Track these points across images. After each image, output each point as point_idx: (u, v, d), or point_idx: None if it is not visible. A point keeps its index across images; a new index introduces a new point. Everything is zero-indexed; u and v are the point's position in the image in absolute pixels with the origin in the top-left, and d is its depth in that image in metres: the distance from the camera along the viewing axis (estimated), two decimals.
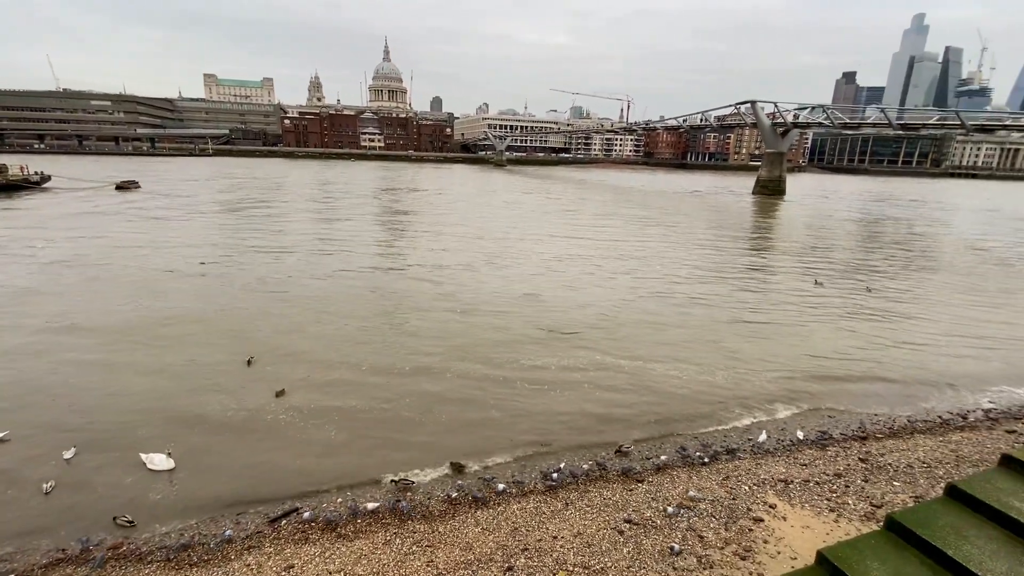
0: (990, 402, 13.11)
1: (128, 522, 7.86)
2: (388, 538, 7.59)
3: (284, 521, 7.99)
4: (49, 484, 8.65)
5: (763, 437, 11.01)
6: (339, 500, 8.58)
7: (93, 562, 7.06)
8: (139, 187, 61.99)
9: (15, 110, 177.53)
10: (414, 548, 7.37)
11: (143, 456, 9.39)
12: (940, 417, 12.18)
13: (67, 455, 9.45)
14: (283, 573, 6.87)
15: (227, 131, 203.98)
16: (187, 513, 8.22)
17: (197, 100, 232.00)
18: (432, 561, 7.11)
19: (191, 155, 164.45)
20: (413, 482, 8.99)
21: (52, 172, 64.39)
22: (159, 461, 9.26)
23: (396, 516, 8.14)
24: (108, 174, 75.56)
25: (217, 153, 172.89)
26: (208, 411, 11.23)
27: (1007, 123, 78.99)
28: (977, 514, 4.84)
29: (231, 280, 21.79)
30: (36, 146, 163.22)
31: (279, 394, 11.91)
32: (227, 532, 7.69)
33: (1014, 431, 11.39)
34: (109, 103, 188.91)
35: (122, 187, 60.22)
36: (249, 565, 7.03)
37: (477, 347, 15.23)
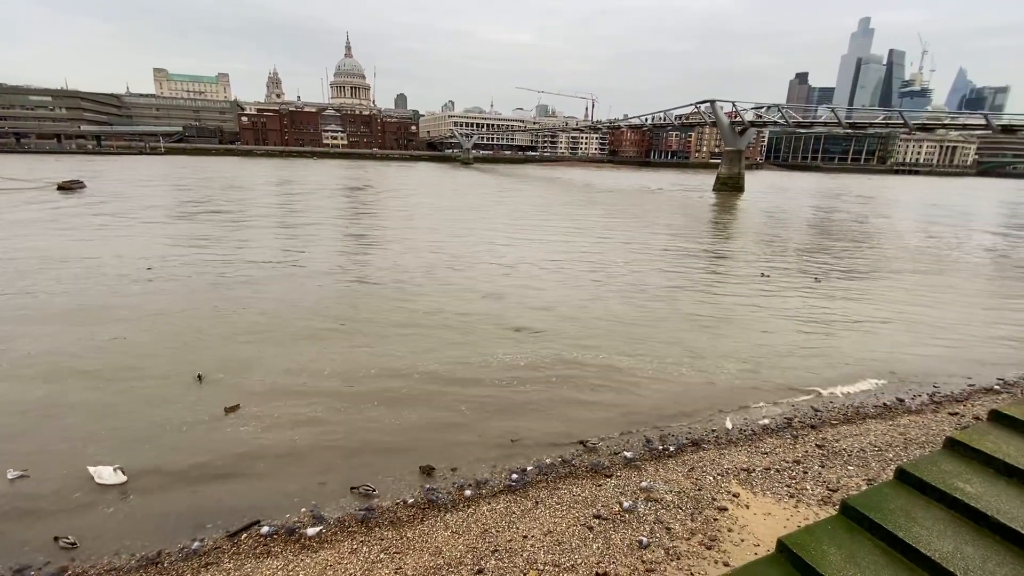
0: (934, 386, 13.85)
1: (70, 544, 7.39)
2: (355, 547, 7.40)
3: (244, 535, 7.68)
4: None
5: (728, 425, 11.33)
6: (303, 510, 8.31)
7: None
8: (84, 187, 58.71)
9: None
10: (382, 556, 7.21)
11: (91, 469, 8.85)
12: (889, 402, 12.78)
13: (11, 475, 8.82)
14: None
15: (180, 128, 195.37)
16: (138, 531, 7.78)
17: (147, 96, 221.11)
18: (400, 568, 6.97)
19: (141, 154, 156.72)
20: (374, 490, 8.75)
21: None
22: (107, 475, 8.74)
23: (363, 524, 7.95)
24: (50, 173, 71.32)
25: (170, 152, 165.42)
26: (159, 426, 10.61)
27: (946, 122, 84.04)
28: (925, 496, 5.07)
29: (181, 287, 20.72)
30: None
31: (232, 408, 11.26)
32: (181, 549, 7.34)
33: (957, 413, 12.06)
34: (50, 99, 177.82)
35: (65, 187, 56.84)
36: None
37: (443, 349, 15.04)
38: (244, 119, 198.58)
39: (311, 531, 7.75)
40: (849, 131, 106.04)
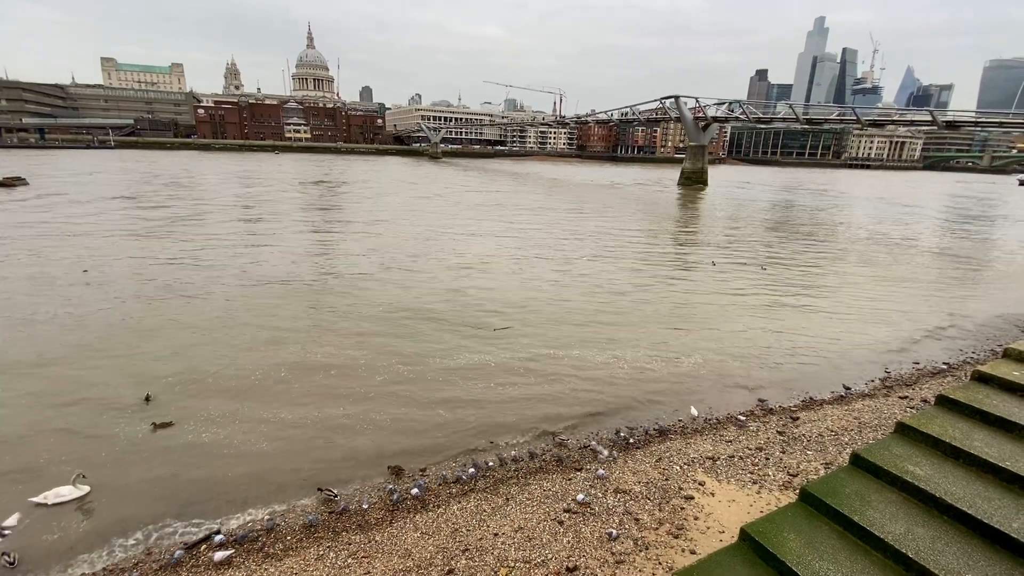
0: (885, 371, 14.51)
1: (9, 563, 6.94)
2: (321, 553, 7.22)
3: (203, 546, 7.38)
4: None
5: (694, 413, 11.59)
6: (265, 517, 8.04)
7: None
8: (26, 184, 55.36)
9: None
10: (349, 560, 7.05)
11: (34, 500, 8.12)
12: (843, 387, 13.32)
13: None
14: None
15: (131, 121, 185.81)
16: (88, 548, 7.38)
17: (94, 87, 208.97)
18: (369, 572, 6.83)
19: (89, 147, 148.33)
20: (336, 493, 8.54)
21: None
22: (66, 492, 8.17)
23: (329, 528, 7.76)
24: None
25: (121, 145, 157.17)
26: (110, 442, 9.98)
27: (895, 118, 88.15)
28: (878, 480, 5.28)
29: (120, 290, 19.38)
30: None
31: (164, 425, 10.48)
32: (136, 563, 6.99)
33: (906, 397, 12.65)
34: None
35: (5, 184, 53.46)
36: None
37: (408, 348, 14.80)
38: (201, 111, 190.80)
39: (274, 538, 7.51)
40: (806, 126, 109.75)
